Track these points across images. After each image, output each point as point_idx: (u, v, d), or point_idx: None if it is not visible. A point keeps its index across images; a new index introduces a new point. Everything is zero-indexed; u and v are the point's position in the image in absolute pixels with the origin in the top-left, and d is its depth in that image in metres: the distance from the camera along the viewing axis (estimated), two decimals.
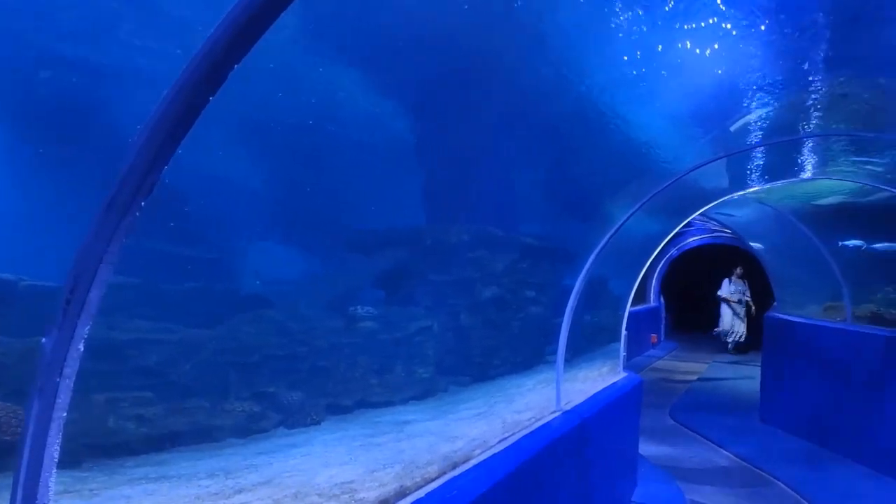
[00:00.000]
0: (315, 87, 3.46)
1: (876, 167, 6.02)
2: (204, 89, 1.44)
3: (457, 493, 3.14)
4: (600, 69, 3.84)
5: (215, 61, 1.39)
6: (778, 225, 9.15)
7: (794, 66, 4.07)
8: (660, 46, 3.69)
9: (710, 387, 12.25)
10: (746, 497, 6.38)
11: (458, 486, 3.21)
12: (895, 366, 7.13)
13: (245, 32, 1.37)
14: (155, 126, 1.43)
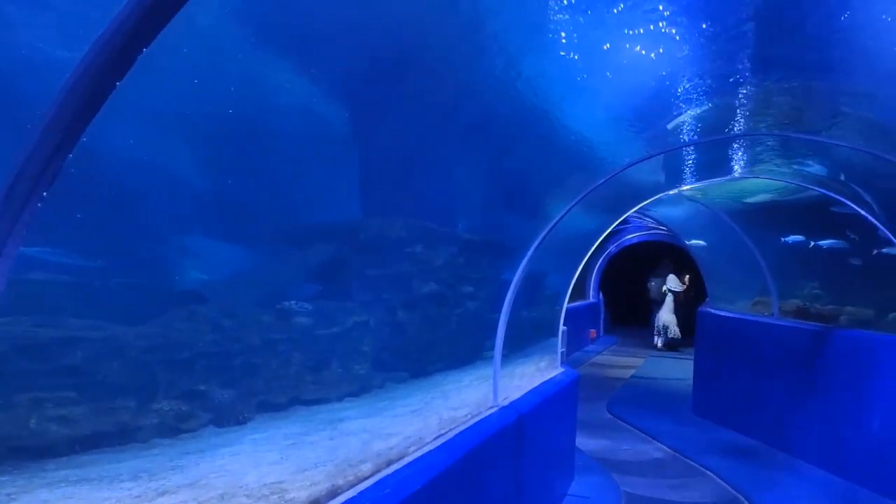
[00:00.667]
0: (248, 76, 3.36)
1: (802, 167, 6.24)
2: (110, 74, 1.36)
3: (390, 491, 3.11)
4: (539, 65, 3.85)
5: (121, 45, 1.32)
6: (711, 222, 9.42)
7: (724, 68, 4.16)
8: (605, 45, 3.72)
9: (646, 380, 12.54)
10: (677, 487, 6.54)
11: (392, 484, 3.18)
12: (819, 358, 7.42)
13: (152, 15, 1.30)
14: (57, 113, 1.35)
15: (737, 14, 3.51)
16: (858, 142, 4.94)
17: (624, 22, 3.57)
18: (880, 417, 6.47)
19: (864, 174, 5.70)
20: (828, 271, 8.18)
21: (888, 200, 5.89)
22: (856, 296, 7.81)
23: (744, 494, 6.29)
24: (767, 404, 8.26)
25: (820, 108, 4.72)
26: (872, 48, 3.58)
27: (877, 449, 6.43)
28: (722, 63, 4.10)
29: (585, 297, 17.92)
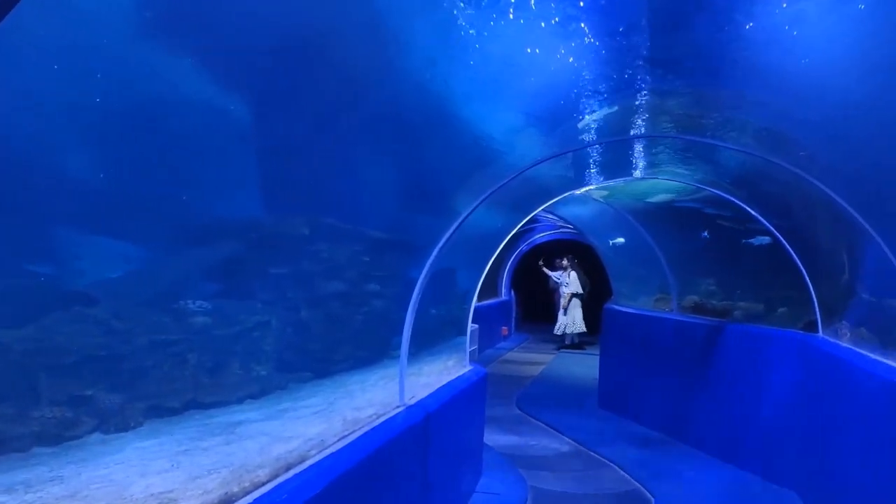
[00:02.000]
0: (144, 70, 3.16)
1: (698, 169, 6.51)
2: None
3: (287, 496, 3.00)
4: (446, 64, 3.82)
5: None
6: (616, 222, 9.72)
7: (624, 72, 4.26)
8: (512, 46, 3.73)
9: (555, 376, 12.81)
10: (582, 480, 6.69)
11: (290, 489, 3.07)
12: (715, 351, 7.78)
13: None
14: None
15: (633, 20, 3.60)
16: (752, 146, 5.18)
17: (530, 22, 3.59)
18: (770, 407, 6.83)
19: (755, 177, 5.99)
20: (723, 269, 8.57)
21: (777, 202, 6.22)
22: (748, 292, 8.20)
23: (644, 484, 6.51)
24: (668, 397, 8.59)
25: (715, 114, 4.91)
26: (764, 59, 3.75)
27: (766, 437, 6.80)
28: (621, 67, 4.20)
29: (497, 294, 18.15)
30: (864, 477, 4.59)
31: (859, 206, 4.47)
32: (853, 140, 4.16)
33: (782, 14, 3.28)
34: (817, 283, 6.31)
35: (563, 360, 14.82)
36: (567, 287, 16.22)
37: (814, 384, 5.93)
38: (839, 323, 5.95)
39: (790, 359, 6.53)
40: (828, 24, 3.22)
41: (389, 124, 4.20)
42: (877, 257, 4.45)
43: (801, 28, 3.35)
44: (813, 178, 4.68)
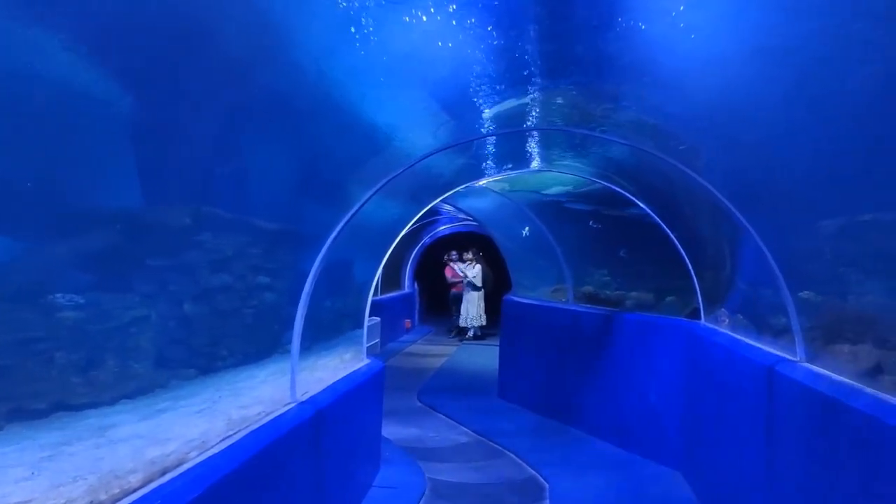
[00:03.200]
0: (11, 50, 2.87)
1: (589, 162, 6.68)
2: None
3: (160, 502, 2.82)
4: (339, 52, 3.71)
5: None
6: (514, 214, 9.85)
7: (516, 65, 4.28)
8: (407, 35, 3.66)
9: (457, 368, 12.89)
10: (480, 470, 6.75)
11: (164, 494, 2.89)
12: (607, 340, 8.03)
13: None
14: None
15: (522, 14, 3.62)
16: (636, 140, 5.34)
17: (426, 13, 3.54)
18: (657, 392, 7.13)
19: (642, 171, 6.20)
20: (616, 259, 8.86)
21: (663, 196, 6.46)
22: (639, 282, 8.51)
23: (539, 471, 6.64)
24: (564, 385, 8.80)
25: (602, 108, 5.02)
26: (644, 56, 3.86)
27: (654, 421, 7.08)
28: (513, 60, 4.22)
29: (401, 287, 18.09)
30: (739, 455, 4.85)
31: (736, 201, 4.69)
32: (731, 139, 4.36)
33: (662, 13, 3.38)
34: (700, 273, 6.61)
35: (466, 351, 14.95)
36: (474, 279, 16.40)
37: (695, 369, 6.23)
38: (719, 310, 6.26)
39: (675, 345, 6.83)
40: (702, 21, 3.33)
41: (280, 111, 4.04)
42: (753, 250, 4.69)
43: (678, 25, 3.46)
44: (694, 174, 4.88)
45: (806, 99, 3.44)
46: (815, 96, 3.34)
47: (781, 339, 4.72)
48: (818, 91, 3.34)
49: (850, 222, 3.74)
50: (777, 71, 3.44)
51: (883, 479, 2.87)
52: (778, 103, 3.63)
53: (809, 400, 3.72)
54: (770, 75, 3.51)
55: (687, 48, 3.64)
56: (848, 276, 4.00)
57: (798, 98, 3.51)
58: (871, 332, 3.70)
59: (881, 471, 2.89)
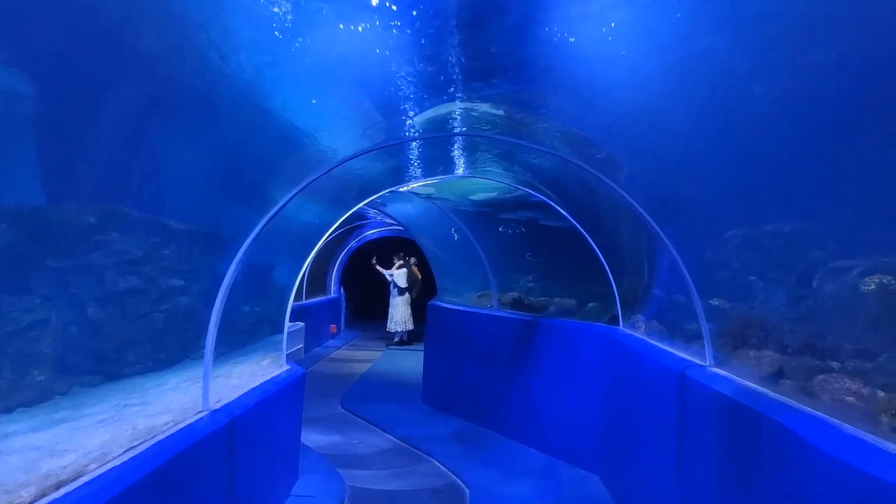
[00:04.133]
0: None
1: (513, 169, 6.75)
2: None
3: None
4: (258, 53, 3.61)
5: None
6: (440, 220, 9.86)
7: (440, 70, 4.28)
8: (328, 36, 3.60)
9: (382, 373, 12.78)
10: (401, 476, 6.69)
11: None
12: (530, 345, 8.12)
13: None
14: None
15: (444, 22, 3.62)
16: (559, 149, 5.43)
17: (349, 18, 3.50)
18: (577, 396, 7.25)
19: (565, 180, 6.31)
20: (540, 266, 8.99)
21: (582, 203, 6.60)
22: (563, 288, 8.66)
23: (460, 476, 6.64)
24: (487, 390, 8.85)
25: (526, 117, 5.08)
26: (565, 67, 3.93)
27: (574, 425, 7.20)
28: (437, 66, 4.22)
29: (326, 292, 17.84)
30: (653, 458, 4.98)
31: (652, 211, 4.83)
32: (648, 151, 4.48)
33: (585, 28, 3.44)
34: (619, 280, 6.77)
35: (392, 356, 14.86)
36: (395, 279, 16.32)
37: (613, 373, 6.37)
38: (636, 316, 6.43)
39: (595, 350, 6.97)
40: (622, 36, 3.41)
41: (196, 109, 3.90)
42: (668, 258, 4.83)
43: (600, 40, 3.53)
44: (613, 183, 4.99)
45: (715, 115, 3.57)
46: (724, 113, 3.47)
47: (693, 344, 4.88)
48: (726, 108, 3.47)
49: (755, 233, 3.90)
50: (689, 88, 3.56)
51: (784, 480, 2.99)
52: (691, 119, 3.76)
53: (716, 403, 3.85)
54: (683, 92, 3.63)
55: (608, 62, 3.72)
56: (753, 284, 4.18)
57: (708, 114, 3.64)
58: (774, 338, 3.86)
59: (782, 473, 3.01)
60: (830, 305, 3.59)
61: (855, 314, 3.44)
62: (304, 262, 6.23)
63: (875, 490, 2.27)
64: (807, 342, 3.64)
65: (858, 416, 3.02)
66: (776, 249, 3.85)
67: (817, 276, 3.64)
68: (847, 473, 2.44)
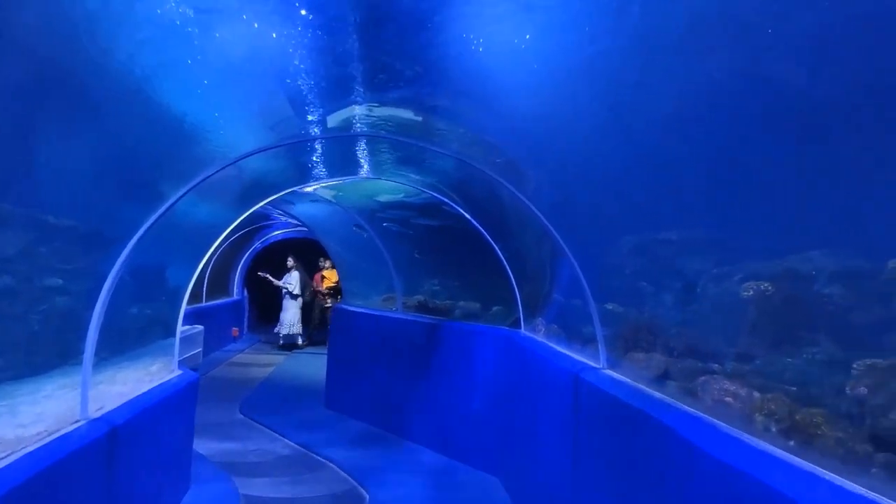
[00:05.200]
0: None
1: (418, 171, 6.74)
2: None
3: None
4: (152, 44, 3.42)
5: None
6: (345, 222, 9.73)
7: (342, 69, 4.21)
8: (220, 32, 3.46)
9: (285, 378, 12.48)
10: (299, 483, 6.53)
11: None
12: (435, 348, 8.13)
13: None
14: None
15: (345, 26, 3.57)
16: (463, 154, 5.45)
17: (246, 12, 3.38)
18: (479, 399, 7.31)
19: (470, 184, 6.35)
20: (446, 269, 9.02)
21: (486, 207, 6.66)
22: (468, 292, 8.71)
23: (361, 482, 6.55)
24: (392, 394, 8.79)
25: (431, 120, 5.08)
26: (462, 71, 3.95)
27: (476, 428, 7.25)
28: (338, 65, 4.15)
29: (229, 294, 17.27)
30: (549, 458, 5.07)
31: (551, 217, 4.92)
32: (547, 158, 4.57)
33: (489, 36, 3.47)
34: (522, 284, 6.88)
35: (296, 360, 14.55)
36: (291, 287, 15.98)
37: (514, 376, 6.46)
38: (537, 320, 6.55)
39: (497, 353, 7.05)
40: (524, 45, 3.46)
41: (79, 99, 3.64)
42: (567, 263, 4.94)
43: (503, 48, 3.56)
44: (514, 188, 5.06)
45: (612, 123, 3.67)
46: (620, 122, 3.57)
47: (589, 347, 5.01)
48: (622, 117, 3.58)
49: (646, 240, 4.05)
50: (587, 96, 3.64)
51: (668, 478, 3.10)
52: (588, 128, 3.85)
53: (608, 405, 3.96)
54: (581, 100, 3.71)
55: (510, 67, 3.75)
56: (645, 289, 4.33)
57: (605, 123, 3.74)
58: (661, 341, 4.01)
59: (666, 471, 3.12)
60: (713, 310, 3.76)
61: (735, 319, 3.62)
62: (200, 262, 5.97)
63: (745, 485, 2.37)
64: (691, 345, 3.80)
65: (736, 415, 3.17)
66: (665, 256, 4.00)
67: (701, 283, 3.81)
68: (721, 470, 2.55)
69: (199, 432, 7.36)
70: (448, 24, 3.55)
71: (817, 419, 2.70)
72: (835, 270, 3.20)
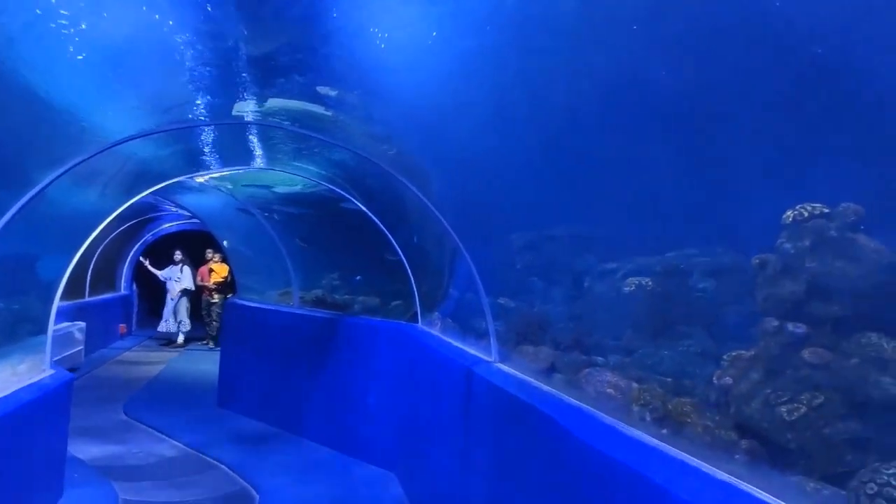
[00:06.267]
0: None
1: (313, 163, 6.59)
2: None
3: None
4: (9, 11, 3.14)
5: None
6: (240, 214, 9.41)
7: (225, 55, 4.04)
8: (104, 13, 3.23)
9: (175, 377, 11.94)
10: (185, 486, 6.26)
11: None
12: (332, 344, 7.99)
13: None
14: None
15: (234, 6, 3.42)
16: (358, 146, 5.37)
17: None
18: (376, 395, 7.25)
19: (363, 176, 6.27)
20: (346, 263, 8.88)
21: (383, 202, 6.61)
22: (368, 286, 8.62)
23: (251, 482, 6.35)
24: (287, 391, 8.58)
25: (324, 110, 4.96)
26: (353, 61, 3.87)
27: (373, 424, 7.19)
28: (230, 50, 3.98)
29: (116, 289, 16.38)
30: (444, 454, 5.08)
31: (445, 211, 4.93)
32: (440, 153, 4.57)
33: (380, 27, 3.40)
34: (420, 278, 6.87)
35: (189, 358, 13.96)
36: (178, 282, 15.30)
37: (410, 371, 6.44)
38: (434, 314, 6.56)
39: (394, 348, 7.01)
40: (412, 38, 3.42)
41: None
42: (462, 258, 4.96)
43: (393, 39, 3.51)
44: (407, 181, 5.03)
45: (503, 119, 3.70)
46: (505, 121, 3.60)
47: (483, 341, 5.05)
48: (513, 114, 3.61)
49: (536, 236, 4.12)
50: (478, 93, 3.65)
51: (552, 468, 3.15)
52: (477, 124, 3.86)
53: (497, 398, 4.00)
54: (473, 97, 3.72)
55: (404, 64, 3.70)
56: (535, 284, 4.41)
57: (497, 118, 3.77)
58: (550, 335, 4.10)
59: (550, 462, 3.18)
60: (598, 305, 3.88)
61: (618, 313, 3.74)
62: (76, 253, 5.58)
63: (619, 474, 2.45)
64: (577, 339, 3.90)
65: (616, 406, 3.28)
66: (554, 252, 4.09)
67: (588, 278, 3.92)
68: (598, 460, 2.62)
69: (77, 435, 6.94)
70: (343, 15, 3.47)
71: (687, 408, 2.82)
72: (709, 267, 3.37)
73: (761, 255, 2.73)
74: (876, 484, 2.04)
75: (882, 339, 2.40)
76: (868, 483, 2.05)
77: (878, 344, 2.41)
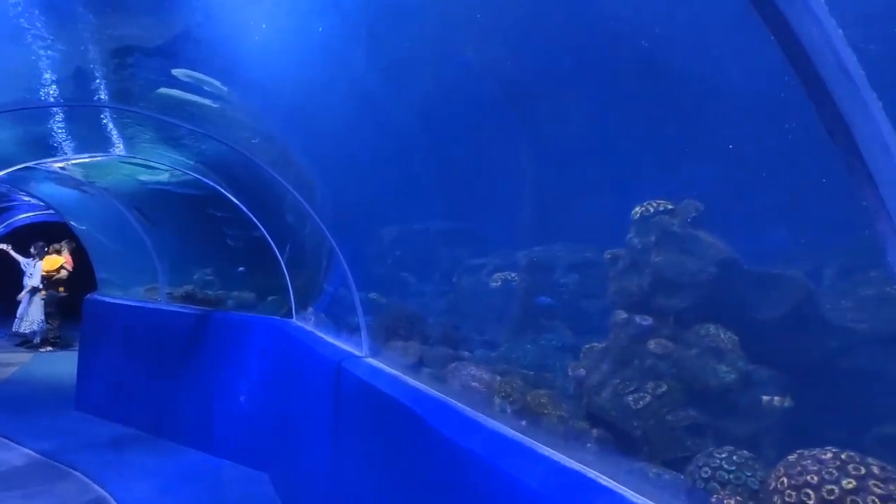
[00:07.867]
0: None
1: (180, 153, 6.27)
2: None
3: None
4: None
5: None
6: (102, 205, 8.81)
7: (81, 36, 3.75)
8: None
9: (30, 379, 11.01)
10: (32, 497, 5.78)
11: None
12: (202, 341, 7.64)
13: None
14: None
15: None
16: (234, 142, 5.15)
17: None
18: (249, 393, 7.01)
19: (234, 168, 6.03)
20: (220, 257, 8.52)
21: (256, 195, 6.39)
22: (243, 281, 8.31)
23: (110, 490, 5.97)
24: (153, 392, 8.13)
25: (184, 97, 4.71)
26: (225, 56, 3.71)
27: (245, 424, 6.95)
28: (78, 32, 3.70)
29: None
30: (315, 452, 4.98)
31: (314, 205, 4.83)
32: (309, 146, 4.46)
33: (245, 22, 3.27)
34: (294, 275, 6.70)
35: (47, 359, 12.92)
36: (30, 279, 14.01)
37: (283, 367, 6.28)
38: (308, 309, 6.43)
39: (267, 344, 6.81)
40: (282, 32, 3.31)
41: None
42: (335, 253, 4.87)
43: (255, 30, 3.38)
44: (277, 175, 4.89)
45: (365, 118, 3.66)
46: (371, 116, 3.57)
47: (355, 336, 5.00)
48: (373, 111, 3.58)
49: (406, 231, 4.11)
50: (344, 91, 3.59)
51: (415, 462, 3.15)
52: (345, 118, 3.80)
53: (366, 393, 3.96)
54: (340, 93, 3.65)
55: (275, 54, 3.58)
56: (406, 279, 4.40)
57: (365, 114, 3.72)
58: (419, 329, 4.11)
59: (417, 458, 3.17)
60: (466, 299, 3.92)
61: (485, 307, 3.80)
62: None
63: (476, 467, 2.48)
64: (445, 333, 3.94)
65: (480, 399, 3.32)
66: (424, 247, 4.10)
67: (457, 273, 3.96)
68: (458, 454, 2.64)
69: None
70: None
71: (544, 399, 2.90)
72: (572, 261, 3.49)
73: (613, 249, 2.86)
74: (710, 468, 2.17)
75: (719, 330, 2.58)
76: (703, 467, 2.19)
77: (714, 334, 2.58)
